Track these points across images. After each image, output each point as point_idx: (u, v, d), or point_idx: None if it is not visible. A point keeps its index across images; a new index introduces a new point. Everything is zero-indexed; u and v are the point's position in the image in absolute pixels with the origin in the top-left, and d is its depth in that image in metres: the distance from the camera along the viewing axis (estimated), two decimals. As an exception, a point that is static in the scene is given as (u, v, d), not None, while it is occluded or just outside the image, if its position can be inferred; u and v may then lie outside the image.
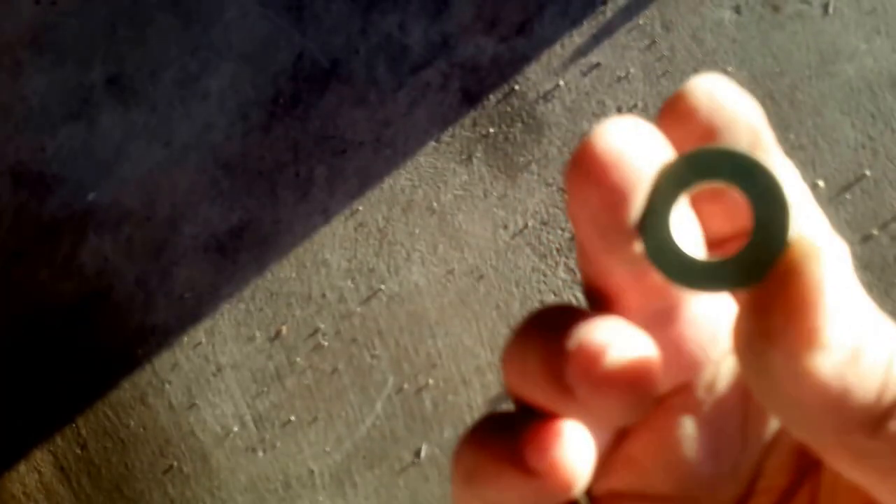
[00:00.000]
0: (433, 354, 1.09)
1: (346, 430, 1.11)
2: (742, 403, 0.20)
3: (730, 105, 0.18)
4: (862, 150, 0.99)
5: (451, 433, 1.09)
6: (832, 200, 0.99)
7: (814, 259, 0.16)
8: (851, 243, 0.99)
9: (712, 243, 0.20)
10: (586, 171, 0.17)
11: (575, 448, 0.18)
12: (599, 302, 0.19)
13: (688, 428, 0.20)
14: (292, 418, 1.13)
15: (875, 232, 0.99)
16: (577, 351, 0.17)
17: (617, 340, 0.17)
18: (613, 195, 0.17)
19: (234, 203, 1.14)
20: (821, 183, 0.99)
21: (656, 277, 0.17)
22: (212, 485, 1.15)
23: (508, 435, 0.18)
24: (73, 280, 1.18)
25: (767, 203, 0.16)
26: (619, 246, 0.17)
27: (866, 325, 0.16)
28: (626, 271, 0.18)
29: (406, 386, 1.09)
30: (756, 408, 0.20)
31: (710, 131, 0.18)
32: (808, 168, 1.00)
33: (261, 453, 1.14)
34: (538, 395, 0.18)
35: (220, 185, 1.15)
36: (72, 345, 1.19)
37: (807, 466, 0.20)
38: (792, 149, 1.00)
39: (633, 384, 0.17)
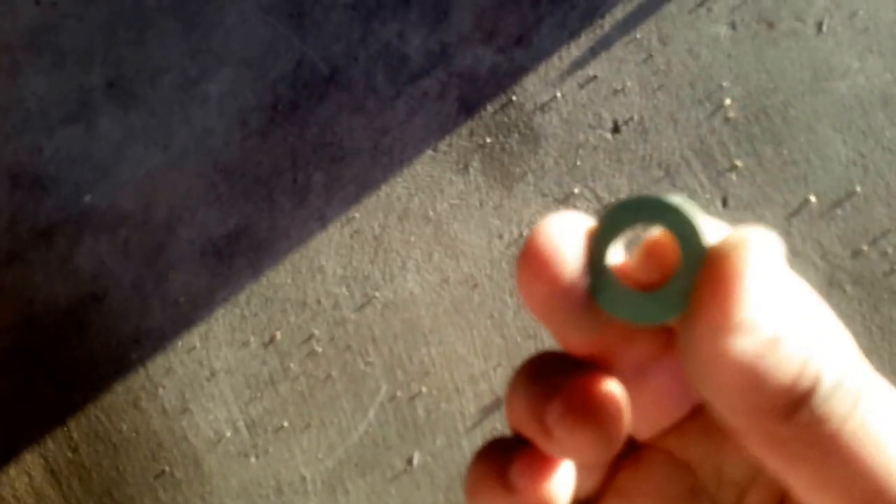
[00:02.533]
0: (427, 362, 1.09)
1: (338, 436, 1.12)
2: (718, 445, 0.22)
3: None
4: (853, 166, 1.00)
5: (443, 441, 1.09)
6: (823, 216, 1.00)
7: (737, 247, 0.17)
8: (842, 258, 1.00)
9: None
10: (529, 268, 0.19)
11: (554, 475, 0.20)
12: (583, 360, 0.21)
13: (669, 467, 0.22)
14: (285, 424, 1.13)
15: (865, 247, 1.00)
16: (556, 399, 0.20)
17: (589, 392, 0.19)
18: (555, 284, 0.19)
19: (231, 208, 1.14)
20: (812, 198, 1.01)
21: (615, 323, 0.19)
22: (203, 490, 1.15)
23: (504, 457, 0.21)
24: (68, 282, 1.18)
25: (683, 227, 0.18)
26: (570, 323, 0.20)
27: (789, 313, 0.17)
28: (589, 338, 0.20)
29: (399, 393, 1.10)
30: (733, 447, 0.21)
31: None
32: (801, 183, 1.01)
33: (253, 459, 1.14)
34: (527, 430, 0.20)
35: (218, 189, 1.15)
36: (65, 347, 1.18)
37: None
38: (784, 164, 1.01)
39: (602, 429, 0.19)
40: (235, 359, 1.14)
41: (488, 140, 1.08)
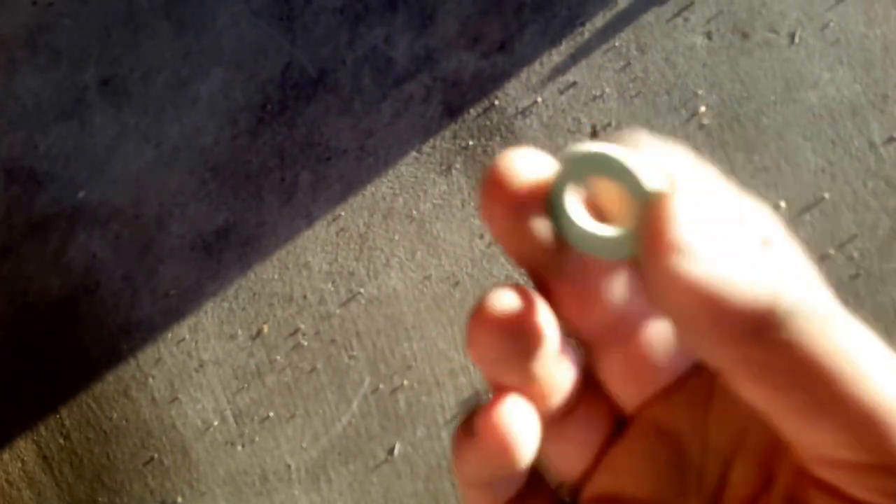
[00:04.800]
0: (408, 357, 1.11)
1: (322, 427, 1.13)
2: (703, 413, 0.21)
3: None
4: (821, 173, 1.03)
5: (423, 432, 1.11)
6: (792, 221, 1.03)
7: (673, 186, 0.18)
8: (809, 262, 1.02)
9: None
10: (493, 193, 0.20)
11: (513, 415, 0.20)
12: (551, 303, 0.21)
13: (654, 438, 0.22)
14: (271, 414, 1.14)
15: (832, 252, 1.03)
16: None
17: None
18: (517, 207, 0.19)
19: (220, 204, 1.16)
20: (782, 204, 1.03)
21: (571, 250, 0.20)
22: (191, 477, 1.17)
23: (471, 413, 0.21)
24: (60, 275, 1.19)
25: (629, 177, 0.19)
26: (528, 245, 0.20)
27: (729, 236, 0.17)
28: (556, 271, 0.21)
29: (382, 386, 1.12)
30: (717, 418, 0.21)
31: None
32: (771, 189, 1.04)
33: (240, 447, 1.15)
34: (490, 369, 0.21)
35: (208, 186, 1.16)
36: (58, 338, 1.20)
37: (770, 475, 0.20)
38: (756, 170, 1.04)
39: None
40: (223, 351, 1.15)
41: (471, 143, 1.10)
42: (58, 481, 1.20)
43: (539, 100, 1.09)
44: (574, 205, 0.20)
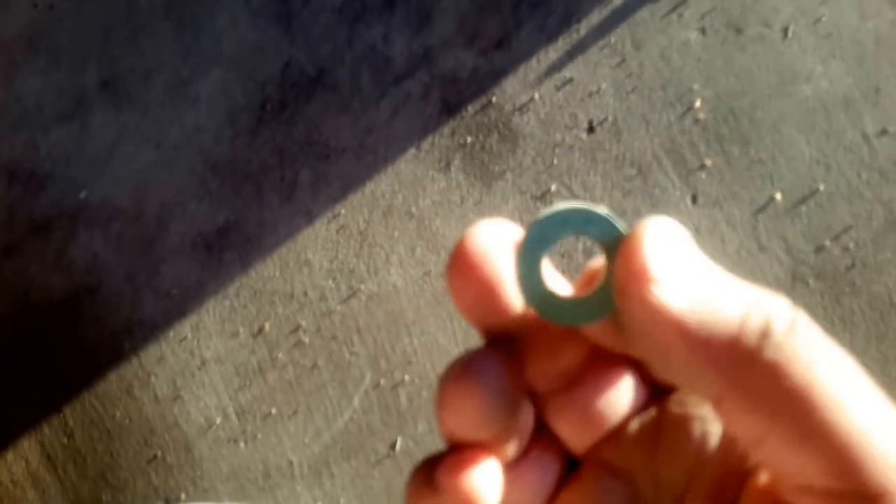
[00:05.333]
0: (409, 352, 1.11)
1: (324, 423, 1.14)
2: (653, 452, 0.22)
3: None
4: (816, 165, 1.04)
5: (424, 427, 1.11)
6: (788, 213, 1.04)
7: (642, 227, 0.18)
8: (805, 253, 1.03)
9: None
10: (459, 271, 0.20)
11: (477, 473, 0.21)
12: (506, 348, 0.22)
13: (607, 479, 0.22)
14: (273, 411, 1.15)
15: (827, 243, 1.03)
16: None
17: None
18: (483, 286, 0.20)
19: (221, 204, 1.17)
20: (778, 196, 1.04)
21: (543, 322, 0.21)
22: (194, 474, 1.17)
23: (433, 464, 0.22)
24: (63, 275, 1.20)
25: (606, 236, 0.19)
26: (495, 323, 0.21)
27: (699, 268, 0.18)
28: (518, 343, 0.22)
29: (383, 382, 1.12)
30: (667, 457, 0.22)
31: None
32: (767, 182, 1.05)
33: (242, 444, 1.16)
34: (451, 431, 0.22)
35: (208, 185, 1.17)
36: (60, 337, 1.20)
37: None
38: (751, 163, 1.05)
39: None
40: (225, 348, 1.16)
41: (469, 140, 1.11)
42: (62, 480, 1.20)
43: (536, 96, 1.10)
44: (543, 275, 0.20)
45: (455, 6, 1.12)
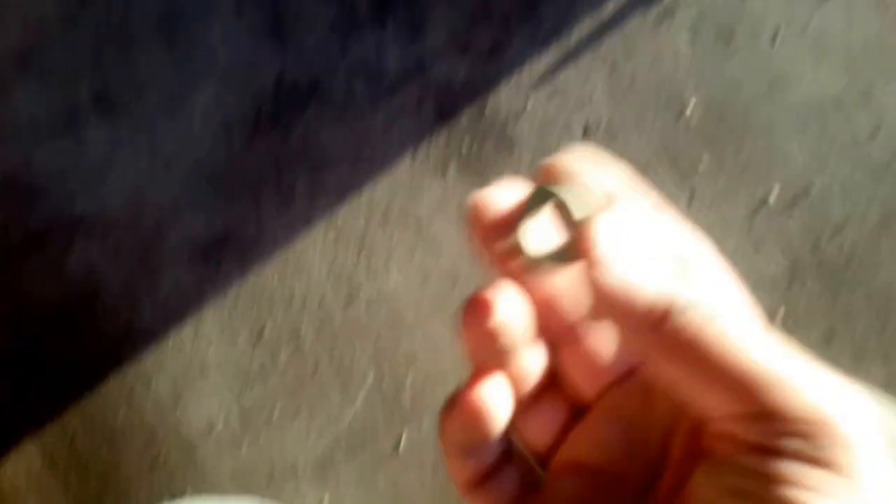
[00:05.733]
0: (410, 354, 1.13)
1: (327, 423, 1.15)
2: (650, 397, 0.25)
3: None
4: (809, 166, 1.05)
5: (427, 426, 1.13)
6: (783, 213, 1.05)
7: (601, 208, 0.23)
8: (802, 252, 1.04)
9: None
10: (471, 219, 0.24)
11: (488, 388, 0.23)
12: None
13: (613, 417, 0.25)
14: (275, 414, 1.16)
15: (823, 242, 1.05)
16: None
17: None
18: (491, 230, 0.24)
19: (217, 213, 1.17)
20: (772, 196, 1.06)
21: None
22: (197, 478, 1.18)
23: (454, 393, 0.24)
24: (62, 284, 1.20)
25: (566, 206, 0.24)
26: (502, 261, 0.24)
27: (639, 253, 0.22)
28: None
29: (385, 382, 1.13)
30: (660, 400, 0.25)
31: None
32: (761, 183, 1.06)
33: (245, 447, 1.17)
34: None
35: (205, 195, 1.17)
36: (61, 348, 1.21)
37: (698, 447, 0.23)
38: (745, 165, 1.06)
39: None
40: (225, 355, 1.16)
41: (464, 147, 1.12)
42: (65, 485, 1.21)
43: (530, 103, 1.11)
44: (536, 227, 0.24)
45: (447, 17, 1.12)
